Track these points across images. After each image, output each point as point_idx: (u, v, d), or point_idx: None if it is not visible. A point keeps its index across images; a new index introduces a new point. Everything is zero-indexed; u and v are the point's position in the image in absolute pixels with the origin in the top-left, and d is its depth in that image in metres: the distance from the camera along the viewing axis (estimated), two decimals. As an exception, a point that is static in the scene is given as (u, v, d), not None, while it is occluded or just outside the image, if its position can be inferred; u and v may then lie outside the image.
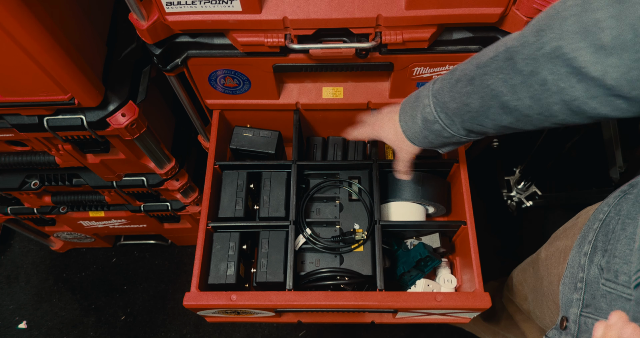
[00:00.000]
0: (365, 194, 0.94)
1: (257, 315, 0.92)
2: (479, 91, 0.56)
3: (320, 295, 0.81)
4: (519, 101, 0.52)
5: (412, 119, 0.67)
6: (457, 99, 0.59)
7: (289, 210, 0.92)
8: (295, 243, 0.89)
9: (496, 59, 0.53)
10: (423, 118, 0.65)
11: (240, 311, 0.88)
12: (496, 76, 0.53)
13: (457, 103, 0.60)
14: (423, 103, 0.65)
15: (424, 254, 0.91)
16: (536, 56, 0.48)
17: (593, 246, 0.61)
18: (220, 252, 0.90)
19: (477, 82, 0.56)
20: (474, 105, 0.57)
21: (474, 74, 0.56)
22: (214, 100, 0.96)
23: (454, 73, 0.61)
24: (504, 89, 0.53)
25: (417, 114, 0.66)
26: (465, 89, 0.58)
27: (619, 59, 0.41)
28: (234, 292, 0.81)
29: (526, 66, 0.50)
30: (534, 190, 1.61)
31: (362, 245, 0.90)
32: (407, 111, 0.68)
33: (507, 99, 0.53)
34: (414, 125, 0.67)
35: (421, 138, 0.68)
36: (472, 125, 0.61)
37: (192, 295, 0.83)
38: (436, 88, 0.63)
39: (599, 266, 0.59)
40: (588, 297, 0.59)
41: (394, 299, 0.81)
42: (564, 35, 0.45)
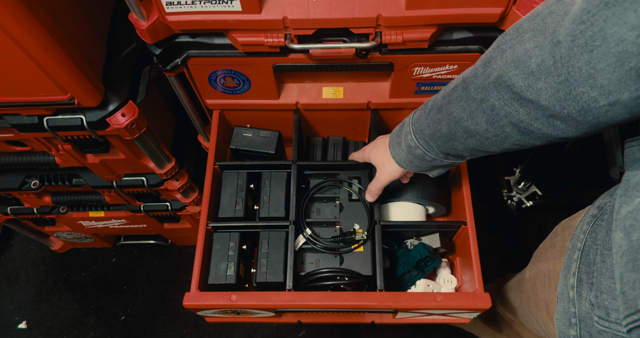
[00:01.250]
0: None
1: (257, 315, 0.92)
2: (445, 118, 0.62)
3: (320, 295, 0.81)
4: (477, 126, 0.58)
5: (399, 145, 0.73)
6: (431, 126, 0.65)
7: (289, 210, 0.92)
8: (295, 243, 0.89)
9: (456, 89, 0.60)
10: (407, 145, 0.71)
11: (240, 311, 0.88)
12: (457, 104, 0.60)
13: (431, 130, 0.65)
14: (405, 131, 0.71)
15: (424, 254, 0.91)
16: (484, 84, 0.54)
17: (578, 279, 0.61)
18: (220, 252, 0.90)
19: (444, 110, 0.62)
20: (443, 131, 0.63)
21: (441, 103, 0.63)
22: (214, 100, 0.96)
23: (428, 103, 0.67)
24: (464, 116, 0.59)
25: (402, 141, 0.72)
26: (436, 117, 0.64)
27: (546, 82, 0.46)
28: (233, 292, 0.81)
29: (478, 94, 0.56)
30: (534, 190, 1.61)
31: (362, 245, 0.90)
32: (394, 138, 0.74)
33: (467, 124, 0.59)
34: (400, 151, 0.73)
35: (408, 162, 0.74)
36: (447, 148, 0.66)
37: (192, 295, 0.82)
38: (415, 117, 0.69)
39: (589, 301, 0.58)
40: (585, 334, 0.59)
41: (394, 299, 0.81)
42: (503, 66, 0.51)
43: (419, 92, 0.92)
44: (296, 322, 0.99)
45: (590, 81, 0.42)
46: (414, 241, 0.99)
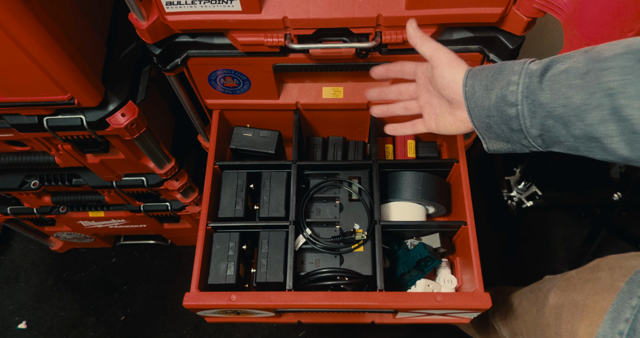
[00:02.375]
0: (365, 194, 0.94)
1: (257, 315, 0.92)
2: (590, 86, 0.48)
3: (320, 295, 0.81)
4: (637, 110, 0.44)
5: (486, 91, 0.57)
6: (556, 90, 0.50)
7: (289, 210, 0.92)
8: (295, 243, 0.89)
9: (627, 56, 0.46)
10: (501, 95, 0.55)
11: (240, 311, 0.88)
12: (622, 74, 0.45)
13: (553, 93, 0.51)
14: (509, 79, 0.55)
15: (424, 254, 0.91)
16: None
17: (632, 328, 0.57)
18: (220, 252, 0.90)
19: (591, 77, 0.48)
20: (575, 99, 0.49)
21: (588, 68, 0.48)
22: (214, 100, 0.96)
23: (562, 60, 0.52)
24: (627, 91, 0.45)
25: (494, 87, 0.56)
26: (571, 82, 0.49)
27: None
28: (233, 292, 0.81)
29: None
30: (534, 190, 1.61)
31: (362, 245, 0.90)
32: (481, 79, 0.58)
33: (624, 103, 0.45)
34: (484, 98, 0.57)
35: (482, 116, 0.58)
36: (555, 125, 0.52)
37: (191, 295, 0.82)
38: (533, 69, 0.53)
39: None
40: None
41: (394, 299, 0.81)
42: None
43: (419, 92, 0.92)
44: (296, 322, 0.99)
45: None
46: (414, 241, 0.99)
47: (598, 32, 0.61)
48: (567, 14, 0.65)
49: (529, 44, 1.39)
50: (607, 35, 0.61)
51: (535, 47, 1.42)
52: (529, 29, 0.74)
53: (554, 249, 1.60)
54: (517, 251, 1.62)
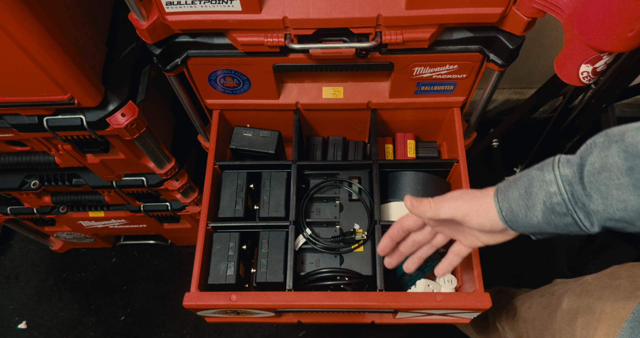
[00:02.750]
0: (365, 194, 0.94)
1: (257, 315, 0.92)
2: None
3: (320, 295, 0.81)
4: None
5: (527, 207, 0.54)
6: (605, 193, 0.47)
7: (289, 210, 0.92)
8: (295, 243, 0.89)
9: None
10: (548, 209, 0.52)
11: (240, 311, 0.88)
12: None
13: (604, 199, 0.47)
14: (547, 191, 0.51)
15: None
16: None
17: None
18: (220, 252, 0.90)
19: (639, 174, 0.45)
20: (634, 203, 0.46)
21: (631, 164, 0.45)
22: (214, 100, 0.96)
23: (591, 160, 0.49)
24: None
25: (535, 202, 0.53)
26: (618, 181, 0.46)
27: None
28: (233, 292, 0.81)
29: None
30: (534, 190, 1.61)
31: (362, 245, 0.90)
32: (516, 200, 0.55)
33: None
34: (529, 216, 0.54)
35: (534, 231, 0.56)
36: (616, 225, 0.49)
37: (192, 295, 0.82)
38: (568, 174, 0.50)
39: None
40: None
41: (394, 299, 0.81)
42: None
43: (419, 92, 0.92)
44: (296, 322, 0.99)
45: None
46: None
47: (598, 32, 0.61)
48: (567, 14, 0.65)
49: (529, 44, 1.39)
50: (607, 36, 0.61)
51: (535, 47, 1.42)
52: (529, 29, 0.74)
53: (554, 249, 1.60)
54: (517, 251, 1.62)
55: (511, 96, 1.70)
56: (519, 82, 1.63)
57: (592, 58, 0.66)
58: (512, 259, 1.61)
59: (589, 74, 0.69)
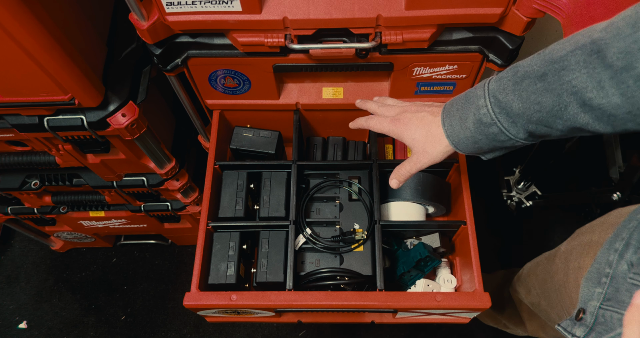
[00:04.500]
0: (365, 194, 0.94)
1: (257, 315, 0.92)
2: (554, 88, 0.51)
3: (320, 295, 0.81)
4: (605, 98, 0.47)
5: (461, 122, 0.61)
6: (524, 97, 0.54)
7: (289, 210, 0.92)
8: (295, 243, 0.89)
9: (578, 52, 0.48)
10: (477, 120, 0.59)
11: (240, 311, 0.88)
12: (578, 71, 0.48)
13: (523, 102, 0.54)
14: (477, 104, 0.59)
15: (424, 254, 0.91)
16: (632, 49, 0.44)
17: (626, 243, 0.61)
18: (221, 252, 0.90)
19: (552, 78, 0.51)
20: (547, 104, 0.52)
21: (545, 69, 0.52)
22: (214, 100, 0.96)
23: (515, 70, 0.56)
24: (589, 85, 0.48)
25: (468, 116, 0.60)
26: (534, 87, 0.53)
27: None
28: (234, 292, 0.81)
29: (618, 61, 0.45)
30: (534, 190, 1.61)
31: (362, 245, 0.90)
32: (454, 113, 0.62)
33: (591, 96, 0.48)
34: (463, 129, 0.62)
35: (470, 143, 0.63)
36: (538, 127, 0.56)
37: (192, 295, 0.83)
38: (494, 87, 0.58)
39: (629, 262, 0.59)
40: (611, 291, 0.60)
41: (394, 299, 0.81)
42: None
43: (419, 92, 0.92)
44: (296, 321, 0.99)
45: None
46: (413, 241, 1.00)
47: (597, 33, 0.61)
48: (566, 14, 0.65)
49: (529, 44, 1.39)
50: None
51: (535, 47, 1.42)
52: (529, 29, 0.74)
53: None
54: (517, 251, 1.62)
55: (511, 96, 1.69)
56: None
57: (591, 58, 0.66)
58: (512, 259, 1.61)
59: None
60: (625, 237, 0.62)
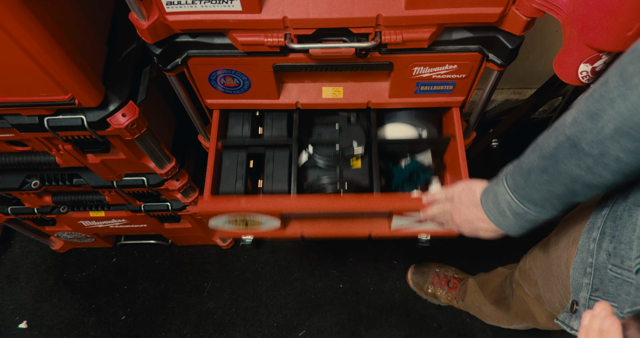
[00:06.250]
0: (363, 118, 1.01)
1: (264, 226, 0.97)
2: (557, 178, 0.58)
3: (322, 199, 0.90)
4: (601, 178, 0.54)
5: (502, 215, 0.68)
6: (539, 189, 0.61)
7: (291, 133, 0.99)
8: (299, 160, 0.96)
9: (562, 147, 0.55)
10: (513, 213, 0.66)
11: (248, 220, 0.94)
12: (569, 162, 0.55)
13: (540, 192, 0.61)
14: (506, 200, 0.66)
15: (417, 165, 0.98)
16: (599, 139, 0.50)
17: (602, 232, 0.64)
18: (230, 168, 0.99)
19: (552, 171, 0.58)
20: (559, 191, 0.59)
21: (544, 164, 0.59)
22: (214, 100, 0.96)
23: (521, 166, 0.63)
24: (582, 173, 0.54)
25: (504, 210, 0.67)
26: (542, 179, 0.59)
27: None
28: (243, 196, 0.89)
29: (593, 150, 0.52)
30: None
31: (359, 160, 0.97)
32: (493, 208, 0.69)
33: (588, 179, 0.55)
34: (506, 220, 0.68)
35: (519, 228, 0.69)
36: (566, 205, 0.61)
37: (205, 200, 0.91)
38: (512, 184, 0.65)
39: (607, 251, 0.62)
40: (597, 282, 0.62)
41: (389, 200, 0.89)
42: (618, 116, 0.48)
43: (419, 92, 0.92)
44: (300, 237, 1.03)
45: None
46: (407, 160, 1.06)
47: (597, 32, 0.62)
48: (566, 14, 0.65)
49: (529, 43, 1.39)
50: (606, 35, 0.61)
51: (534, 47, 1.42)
52: (528, 28, 0.74)
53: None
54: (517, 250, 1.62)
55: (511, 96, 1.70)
56: (519, 82, 1.63)
57: (591, 58, 0.66)
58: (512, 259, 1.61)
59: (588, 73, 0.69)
60: (600, 225, 0.65)
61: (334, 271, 1.61)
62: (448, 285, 1.48)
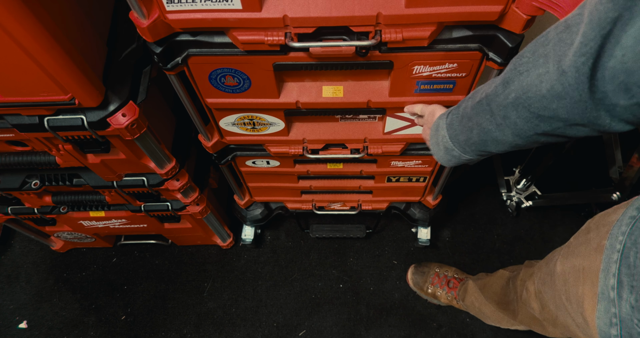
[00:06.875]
0: None
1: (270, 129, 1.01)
2: (476, 127, 0.66)
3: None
4: (505, 137, 0.62)
5: (437, 145, 0.77)
6: (464, 133, 0.69)
7: None
8: None
9: (481, 103, 0.64)
10: (444, 146, 0.75)
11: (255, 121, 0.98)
12: (484, 117, 0.63)
13: (464, 136, 0.69)
14: (441, 134, 0.75)
15: None
16: (505, 104, 0.58)
17: (619, 280, 0.64)
18: None
19: (474, 120, 0.66)
20: (475, 139, 0.67)
21: (470, 113, 0.66)
22: (215, 99, 0.96)
23: (459, 109, 0.71)
24: (492, 128, 0.63)
25: (439, 141, 0.76)
26: (468, 125, 0.68)
27: (560, 103, 0.51)
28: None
29: (500, 112, 0.60)
30: (534, 190, 1.61)
31: None
32: (433, 136, 0.78)
33: (496, 135, 0.63)
34: (439, 150, 0.77)
35: (445, 161, 0.78)
36: (481, 151, 0.70)
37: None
38: (449, 121, 0.73)
39: (630, 303, 0.61)
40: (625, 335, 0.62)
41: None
42: (520, 88, 0.55)
43: (419, 91, 0.92)
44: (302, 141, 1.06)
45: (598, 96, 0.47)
46: None
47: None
48: (566, 12, 0.65)
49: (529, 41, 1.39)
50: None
51: (534, 46, 1.42)
52: (528, 27, 0.74)
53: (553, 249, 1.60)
54: (517, 251, 1.63)
55: (511, 96, 1.70)
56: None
57: (591, 56, 0.66)
58: (512, 259, 1.61)
59: (588, 72, 0.69)
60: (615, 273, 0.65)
61: (334, 271, 1.61)
62: (448, 285, 1.48)
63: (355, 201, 1.42)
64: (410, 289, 1.55)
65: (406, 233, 1.66)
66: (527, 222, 1.67)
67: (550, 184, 1.65)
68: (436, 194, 1.38)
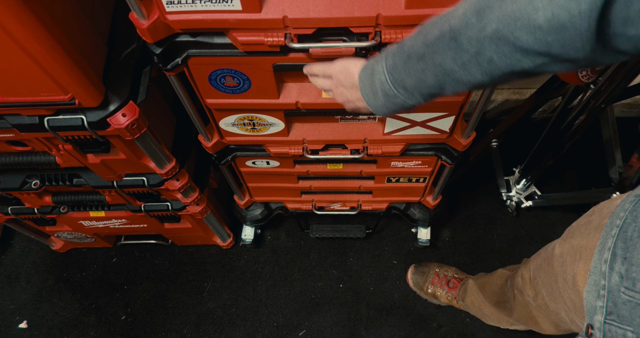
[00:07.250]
0: None
1: (269, 129, 1.00)
2: (431, 68, 0.57)
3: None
4: (472, 77, 0.54)
5: (374, 94, 0.68)
6: (413, 75, 0.60)
7: None
8: None
9: (442, 38, 0.54)
10: (384, 94, 0.66)
11: (255, 122, 0.97)
12: (445, 54, 0.54)
13: (413, 79, 0.61)
14: (380, 80, 0.65)
15: None
16: (479, 37, 0.49)
17: (613, 253, 0.63)
18: None
19: (428, 60, 0.57)
20: (430, 81, 0.59)
21: (423, 51, 0.57)
22: (215, 99, 0.96)
23: (403, 48, 0.61)
24: (455, 67, 0.54)
25: (377, 89, 0.67)
26: (418, 66, 0.59)
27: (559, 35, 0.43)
28: None
29: (471, 47, 0.51)
30: (534, 190, 1.61)
31: None
32: (367, 85, 0.69)
33: (459, 75, 0.55)
34: (376, 99, 0.68)
35: (385, 110, 0.69)
36: (433, 95, 0.63)
37: None
38: (390, 65, 0.63)
39: (619, 273, 0.61)
40: (611, 305, 0.61)
41: None
42: (502, 18, 0.46)
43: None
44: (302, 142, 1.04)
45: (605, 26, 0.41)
46: None
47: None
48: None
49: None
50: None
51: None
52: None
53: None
54: (517, 251, 1.63)
55: (510, 96, 1.70)
56: (519, 82, 1.63)
57: (591, 57, 0.66)
58: (512, 259, 1.61)
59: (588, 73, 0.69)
60: (611, 246, 0.64)
61: (334, 271, 1.62)
62: (448, 285, 1.48)
63: (355, 201, 1.42)
64: (410, 289, 1.55)
65: (406, 233, 1.66)
66: (527, 222, 1.67)
67: (550, 184, 1.65)
68: (436, 195, 1.38)
